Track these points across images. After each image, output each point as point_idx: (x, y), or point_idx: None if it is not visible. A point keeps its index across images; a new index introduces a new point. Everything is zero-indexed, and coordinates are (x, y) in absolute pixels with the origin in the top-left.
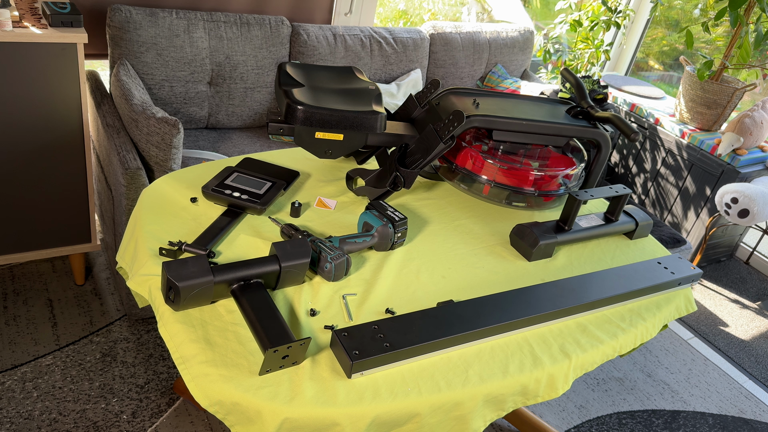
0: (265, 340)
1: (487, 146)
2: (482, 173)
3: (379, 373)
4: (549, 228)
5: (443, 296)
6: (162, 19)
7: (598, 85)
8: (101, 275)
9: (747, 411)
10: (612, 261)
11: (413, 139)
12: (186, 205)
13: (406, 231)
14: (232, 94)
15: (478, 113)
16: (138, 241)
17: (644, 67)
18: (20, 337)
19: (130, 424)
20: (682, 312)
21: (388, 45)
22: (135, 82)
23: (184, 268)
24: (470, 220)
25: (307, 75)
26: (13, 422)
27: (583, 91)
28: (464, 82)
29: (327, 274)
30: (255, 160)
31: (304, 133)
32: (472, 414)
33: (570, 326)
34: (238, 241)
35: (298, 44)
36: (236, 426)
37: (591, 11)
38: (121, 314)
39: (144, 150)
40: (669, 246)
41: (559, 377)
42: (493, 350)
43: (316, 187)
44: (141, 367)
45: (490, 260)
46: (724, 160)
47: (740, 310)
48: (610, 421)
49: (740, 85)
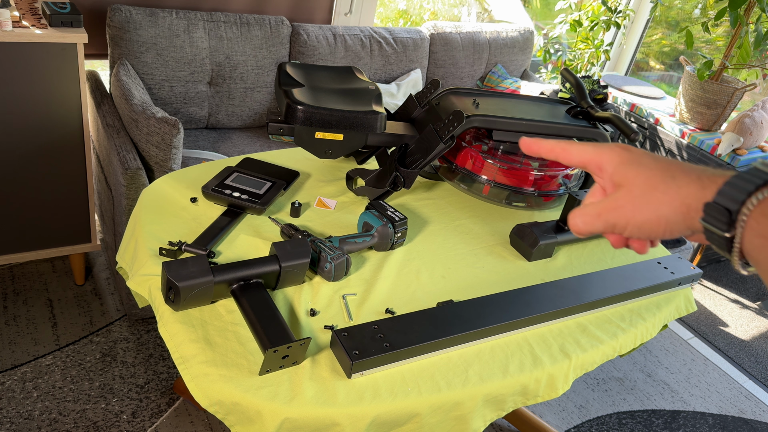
0: (265, 340)
1: (487, 146)
2: (482, 173)
3: (379, 373)
4: (549, 228)
5: (443, 296)
6: (162, 19)
7: (598, 85)
8: (101, 275)
9: (747, 411)
10: (612, 261)
11: (413, 139)
12: (186, 205)
13: (406, 231)
14: (232, 94)
15: (478, 113)
16: (138, 241)
17: (644, 67)
18: (20, 337)
19: (130, 424)
20: (682, 312)
21: (388, 45)
22: (135, 82)
23: (184, 268)
24: (470, 220)
25: (307, 75)
26: (13, 422)
27: (583, 91)
28: (464, 82)
29: (327, 274)
30: (255, 160)
31: (304, 133)
32: (472, 414)
33: (570, 326)
34: (238, 241)
35: (298, 44)
36: (236, 426)
37: (591, 11)
38: (121, 314)
39: (144, 150)
40: (669, 246)
41: (559, 377)
42: (493, 350)
43: (316, 187)
44: (141, 367)
45: (490, 260)
46: (724, 160)
47: (740, 310)
48: (610, 421)
49: (740, 85)
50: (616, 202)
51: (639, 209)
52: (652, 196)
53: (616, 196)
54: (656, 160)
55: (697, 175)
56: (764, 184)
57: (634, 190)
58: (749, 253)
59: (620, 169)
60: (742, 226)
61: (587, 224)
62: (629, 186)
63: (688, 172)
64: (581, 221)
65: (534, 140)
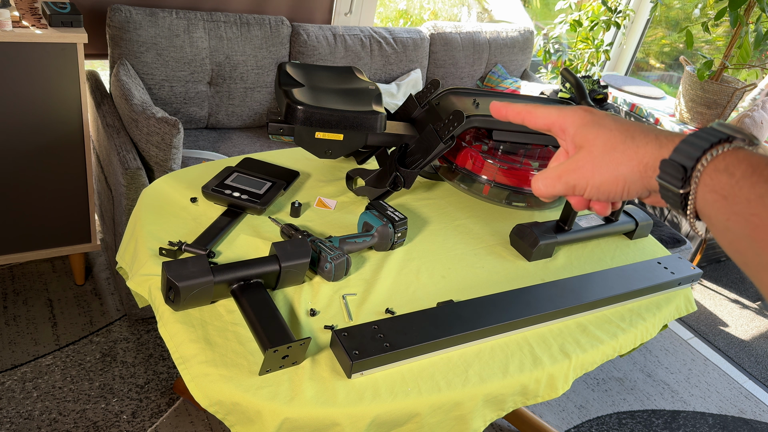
0: (265, 340)
1: (487, 146)
2: (482, 173)
3: (379, 373)
4: (549, 228)
5: (443, 296)
6: (162, 19)
7: (598, 85)
8: (101, 275)
9: (747, 411)
10: (612, 261)
11: (413, 139)
12: (186, 205)
13: (406, 231)
14: (232, 94)
15: (478, 113)
16: (138, 241)
17: (644, 67)
18: (20, 337)
19: (130, 424)
20: (682, 312)
21: (388, 45)
22: (135, 82)
23: (184, 268)
24: (470, 220)
25: (307, 75)
26: (13, 422)
27: (583, 91)
28: (464, 82)
29: (327, 274)
30: (255, 160)
31: (304, 133)
32: (472, 414)
33: (570, 326)
34: (238, 241)
35: (298, 44)
36: (236, 426)
37: (591, 11)
38: (121, 314)
39: (144, 150)
40: (669, 246)
41: (559, 377)
42: (493, 350)
43: (316, 187)
44: (141, 367)
45: (490, 260)
46: None
47: (740, 310)
48: (610, 421)
49: (740, 85)
50: (577, 163)
51: (598, 169)
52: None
53: (576, 158)
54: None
55: (655, 135)
56: (719, 141)
57: (594, 150)
58: (702, 210)
59: (581, 131)
60: (696, 182)
61: (548, 186)
62: (589, 147)
63: (647, 133)
64: (542, 184)
65: (503, 104)
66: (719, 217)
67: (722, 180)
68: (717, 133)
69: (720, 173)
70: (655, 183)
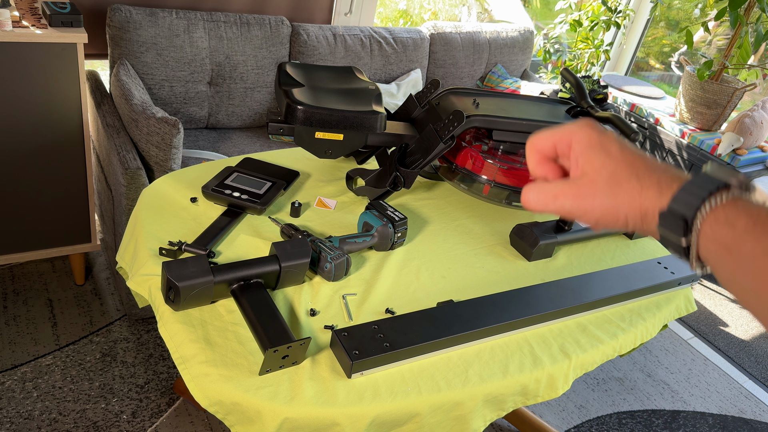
0: (265, 340)
1: (487, 146)
2: (482, 173)
3: (379, 373)
4: (549, 228)
5: (443, 296)
6: (162, 19)
7: (598, 85)
8: (101, 275)
9: (747, 411)
10: (612, 261)
11: (413, 139)
12: (186, 205)
13: (406, 231)
14: (232, 94)
15: (478, 113)
16: (138, 241)
17: (644, 67)
18: (20, 337)
19: (130, 424)
20: (682, 312)
21: (388, 45)
22: (135, 82)
23: (184, 268)
24: (470, 220)
25: (307, 75)
26: (13, 422)
27: (583, 91)
28: (464, 82)
29: (327, 274)
30: (255, 160)
31: (304, 133)
32: (472, 414)
33: (570, 326)
34: (238, 241)
35: (298, 44)
36: (236, 426)
37: (591, 11)
38: (121, 314)
39: (144, 150)
40: None
41: (559, 377)
42: (493, 350)
43: (316, 187)
44: (141, 367)
45: (490, 260)
46: (724, 160)
47: (740, 310)
48: (610, 421)
49: (740, 85)
50: (578, 189)
51: (600, 203)
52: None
53: (578, 183)
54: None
55: (657, 178)
56: (717, 190)
57: (599, 181)
58: (706, 259)
59: (588, 153)
60: (697, 233)
61: (540, 203)
62: (593, 176)
63: (650, 173)
64: (534, 198)
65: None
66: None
67: (724, 232)
68: (714, 180)
69: (721, 225)
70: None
